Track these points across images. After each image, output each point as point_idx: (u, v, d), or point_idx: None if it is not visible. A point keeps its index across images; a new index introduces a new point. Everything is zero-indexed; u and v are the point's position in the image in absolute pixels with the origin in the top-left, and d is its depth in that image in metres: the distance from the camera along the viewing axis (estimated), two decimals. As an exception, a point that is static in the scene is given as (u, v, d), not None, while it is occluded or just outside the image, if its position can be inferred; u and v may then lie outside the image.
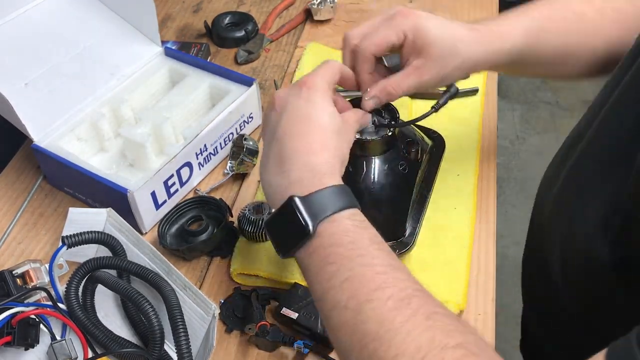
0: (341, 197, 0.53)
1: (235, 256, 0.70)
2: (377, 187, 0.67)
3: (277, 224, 0.55)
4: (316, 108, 0.57)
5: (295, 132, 0.56)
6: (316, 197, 0.53)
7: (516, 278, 0.94)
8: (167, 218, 0.73)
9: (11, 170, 0.85)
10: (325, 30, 1.06)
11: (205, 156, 0.80)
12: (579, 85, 2.58)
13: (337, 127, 0.57)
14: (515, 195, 2.16)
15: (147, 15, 0.86)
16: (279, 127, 0.57)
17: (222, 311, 0.66)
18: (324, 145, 0.56)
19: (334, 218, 0.52)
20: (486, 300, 0.67)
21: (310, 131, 0.56)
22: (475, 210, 0.75)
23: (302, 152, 0.55)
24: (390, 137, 0.67)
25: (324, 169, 0.55)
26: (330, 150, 0.56)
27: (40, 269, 0.66)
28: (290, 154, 0.56)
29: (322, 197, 0.53)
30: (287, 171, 0.55)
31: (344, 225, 0.52)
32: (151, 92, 0.86)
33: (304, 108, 0.57)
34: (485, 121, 0.87)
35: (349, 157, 0.63)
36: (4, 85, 0.76)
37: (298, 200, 0.52)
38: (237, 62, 1.00)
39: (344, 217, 0.52)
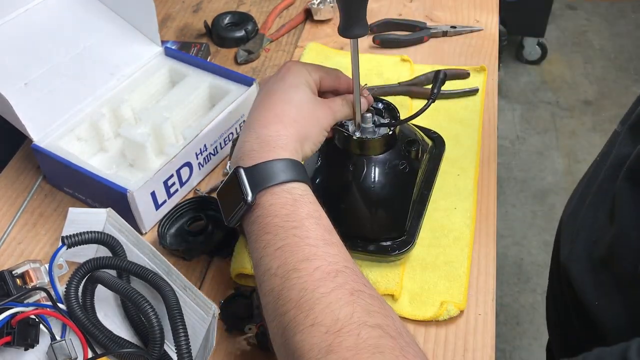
0: (285, 170, 0.54)
1: (235, 256, 0.70)
2: (377, 186, 0.67)
3: (225, 193, 0.57)
4: (284, 83, 0.59)
5: (259, 105, 0.59)
6: (260, 168, 0.54)
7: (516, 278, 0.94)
8: (167, 218, 0.73)
9: (11, 170, 0.85)
10: (325, 30, 1.06)
11: (205, 156, 0.80)
12: (579, 85, 2.58)
13: (301, 106, 0.59)
14: (515, 195, 2.16)
15: (147, 15, 0.86)
16: (253, 104, 0.60)
17: (222, 311, 0.66)
18: (279, 117, 0.57)
19: (274, 190, 0.54)
20: (486, 300, 0.67)
21: (270, 104, 0.58)
22: (475, 210, 0.75)
23: (257, 123, 0.57)
24: (390, 136, 0.67)
25: (275, 141, 0.56)
26: (285, 122, 0.57)
27: (40, 269, 0.66)
28: (248, 126, 0.58)
29: (266, 169, 0.54)
30: (242, 142, 0.57)
31: (283, 197, 0.53)
32: (151, 92, 0.86)
33: (275, 85, 0.60)
34: (485, 121, 0.87)
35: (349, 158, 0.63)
36: (4, 85, 0.76)
37: (242, 171, 0.54)
38: (237, 62, 1.00)
39: (284, 190, 0.54)
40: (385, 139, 0.67)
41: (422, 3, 1.10)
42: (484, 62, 0.97)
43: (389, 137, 0.67)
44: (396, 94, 0.91)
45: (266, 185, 0.54)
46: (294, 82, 0.60)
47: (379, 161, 0.68)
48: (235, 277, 0.69)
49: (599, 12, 2.97)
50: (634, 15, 2.95)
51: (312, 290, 0.47)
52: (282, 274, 0.49)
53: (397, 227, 0.69)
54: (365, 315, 0.46)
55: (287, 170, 0.55)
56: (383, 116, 0.70)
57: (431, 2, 1.10)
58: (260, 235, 0.53)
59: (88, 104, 0.81)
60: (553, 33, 2.83)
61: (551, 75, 2.65)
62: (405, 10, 1.09)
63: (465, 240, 0.72)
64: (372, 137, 0.67)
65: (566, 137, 2.37)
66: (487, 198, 0.77)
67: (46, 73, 0.81)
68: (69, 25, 0.87)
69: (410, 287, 0.68)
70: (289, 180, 0.54)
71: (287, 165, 0.55)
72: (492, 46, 1.01)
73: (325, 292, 0.47)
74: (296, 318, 0.47)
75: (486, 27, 1.04)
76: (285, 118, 0.58)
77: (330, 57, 0.98)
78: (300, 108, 0.59)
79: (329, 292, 0.47)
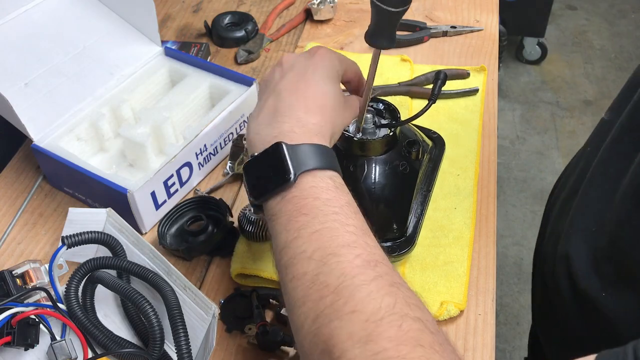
0: (327, 157, 0.53)
1: (235, 256, 0.70)
2: (378, 187, 0.67)
3: (257, 167, 0.54)
4: (321, 74, 0.57)
5: (296, 89, 0.57)
6: (304, 148, 0.52)
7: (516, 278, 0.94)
8: (167, 218, 0.73)
9: (11, 170, 0.85)
10: (325, 30, 1.06)
11: (205, 156, 0.80)
12: (579, 85, 2.58)
13: (336, 99, 0.58)
14: (516, 195, 2.16)
15: (147, 15, 0.86)
16: (281, 83, 0.57)
17: (222, 311, 0.66)
18: (321, 108, 0.56)
19: (317, 173, 0.52)
20: (486, 300, 0.67)
21: (310, 91, 0.56)
22: (475, 210, 0.75)
23: (298, 108, 0.55)
24: (391, 137, 0.67)
25: (316, 129, 0.55)
26: (325, 115, 0.56)
27: (40, 269, 0.66)
28: (286, 107, 0.56)
29: (310, 151, 0.52)
30: (279, 122, 0.55)
31: (325, 181, 0.52)
32: (151, 92, 0.86)
33: (311, 70, 0.57)
34: (485, 121, 0.87)
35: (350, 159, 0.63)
36: (4, 85, 0.76)
37: (285, 147, 0.52)
38: (237, 62, 1.00)
39: (327, 175, 0.52)
40: (386, 139, 0.67)
41: (422, 3, 1.10)
42: (484, 62, 0.97)
43: (390, 137, 0.67)
44: (396, 94, 0.91)
45: (310, 167, 0.51)
46: (329, 74, 0.58)
47: (379, 162, 0.68)
48: (235, 277, 0.69)
49: (599, 12, 2.97)
50: (634, 15, 2.95)
51: (352, 276, 0.45)
52: (319, 257, 0.47)
53: (398, 227, 0.69)
54: (406, 307, 0.44)
55: (329, 158, 0.53)
56: (384, 117, 0.70)
57: (431, 2, 1.10)
58: (295, 216, 0.50)
59: (88, 104, 0.81)
60: (553, 33, 2.83)
61: (551, 75, 2.65)
62: (405, 10, 1.09)
63: (465, 240, 0.72)
64: (373, 137, 0.67)
65: (566, 137, 2.37)
66: (487, 198, 0.77)
67: (46, 73, 0.81)
68: (69, 25, 0.87)
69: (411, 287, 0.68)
70: (330, 167, 0.53)
71: (328, 153, 0.54)
72: (492, 46, 1.01)
73: (367, 280, 0.45)
74: (334, 304, 0.44)
75: (486, 27, 1.04)
76: (326, 110, 0.56)
77: (330, 57, 0.98)
78: (335, 102, 0.58)
79: (370, 280, 0.45)
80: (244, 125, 0.85)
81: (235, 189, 0.81)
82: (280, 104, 0.56)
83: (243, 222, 0.71)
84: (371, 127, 0.68)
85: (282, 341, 0.62)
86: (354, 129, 0.68)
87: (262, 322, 0.62)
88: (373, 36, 0.58)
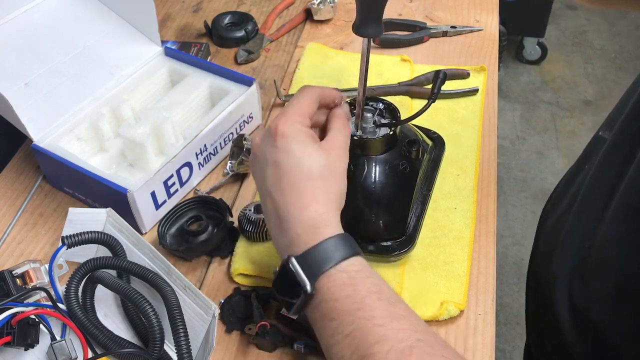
0: (337, 248, 0.54)
1: (236, 256, 0.70)
2: (378, 186, 0.67)
3: (281, 285, 0.56)
4: (295, 157, 0.56)
5: (282, 187, 0.56)
6: (311, 253, 0.53)
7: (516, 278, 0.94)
8: (167, 218, 0.73)
9: (11, 170, 0.85)
10: (325, 30, 1.06)
11: (205, 156, 0.80)
12: (579, 85, 2.58)
13: (322, 168, 0.57)
14: (515, 195, 2.16)
15: (147, 15, 0.86)
16: (266, 182, 0.58)
17: (222, 311, 0.66)
18: (313, 196, 0.56)
19: (330, 273, 0.53)
20: (486, 300, 0.67)
21: (296, 184, 0.56)
22: (475, 210, 0.75)
23: (294, 207, 0.56)
24: (391, 136, 0.67)
25: (318, 221, 0.55)
26: (319, 199, 0.56)
27: (40, 269, 0.66)
28: (284, 212, 0.56)
29: (318, 253, 0.53)
30: (285, 229, 0.56)
31: (340, 279, 0.53)
32: (151, 92, 0.86)
33: (283, 160, 0.56)
34: (485, 121, 0.87)
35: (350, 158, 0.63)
36: (4, 85, 0.76)
37: (295, 261, 0.53)
38: (237, 62, 1.00)
39: (340, 270, 0.53)
40: (386, 139, 0.67)
41: (422, 3, 1.10)
42: (484, 62, 0.97)
43: (390, 137, 0.67)
44: (396, 94, 0.91)
45: (322, 271, 0.53)
46: (300, 148, 0.57)
47: (379, 161, 0.68)
48: (235, 277, 0.69)
49: (599, 12, 2.97)
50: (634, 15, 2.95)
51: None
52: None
53: (398, 227, 0.69)
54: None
55: (339, 248, 0.54)
56: (384, 116, 0.70)
57: (431, 2, 1.10)
58: (325, 322, 0.52)
59: (88, 104, 0.81)
60: (553, 33, 2.83)
61: (551, 75, 2.65)
62: (405, 10, 1.09)
63: (465, 240, 0.72)
64: (373, 137, 0.67)
65: (566, 137, 2.37)
66: (487, 198, 0.77)
67: (46, 73, 0.81)
68: (69, 25, 0.87)
69: (411, 287, 0.68)
70: (342, 258, 0.54)
71: (337, 243, 0.54)
72: (492, 46, 1.01)
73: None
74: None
75: (486, 27, 1.04)
76: (318, 193, 0.56)
77: (330, 57, 0.98)
78: (322, 175, 0.57)
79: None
80: (244, 125, 0.85)
81: (235, 189, 0.81)
82: (278, 208, 0.56)
83: (243, 222, 0.71)
84: (371, 127, 0.68)
85: (282, 341, 0.62)
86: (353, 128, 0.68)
87: (262, 322, 0.62)
88: (360, 27, 0.58)
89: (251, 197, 0.79)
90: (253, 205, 0.73)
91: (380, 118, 0.70)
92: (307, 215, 0.55)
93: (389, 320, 0.50)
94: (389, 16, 1.06)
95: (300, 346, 0.61)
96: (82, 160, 0.74)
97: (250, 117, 0.86)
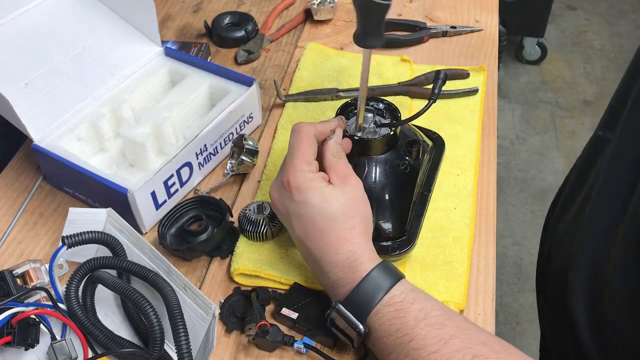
0: (377, 283, 0.57)
1: (236, 256, 0.70)
2: (378, 186, 0.67)
3: (338, 328, 0.59)
4: (315, 207, 0.60)
5: (311, 236, 0.60)
6: (355, 295, 0.57)
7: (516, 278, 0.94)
8: (167, 218, 0.73)
9: (11, 170, 0.85)
10: (325, 30, 1.06)
11: (205, 156, 0.80)
12: (578, 85, 2.59)
13: (342, 207, 0.60)
14: (515, 195, 2.16)
15: (147, 15, 0.86)
16: (295, 232, 0.61)
17: (222, 311, 0.66)
18: (342, 237, 0.59)
19: (377, 310, 0.56)
20: (486, 300, 0.67)
21: (324, 230, 0.59)
22: (475, 210, 0.75)
23: (327, 253, 0.59)
24: (391, 136, 0.67)
25: (352, 260, 0.58)
26: (348, 237, 0.59)
27: (40, 269, 0.66)
28: (319, 258, 0.60)
29: (361, 293, 0.56)
30: (325, 273, 0.60)
31: (388, 314, 0.55)
32: (151, 92, 0.86)
33: (304, 212, 0.60)
34: (485, 121, 0.88)
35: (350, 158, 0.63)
36: (4, 85, 0.76)
37: (342, 307, 0.57)
38: (237, 62, 1.00)
39: (385, 305, 0.56)
40: (386, 139, 0.67)
41: (422, 3, 1.10)
42: (484, 62, 0.97)
43: (390, 137, 0.67)
44: (396, 94, 0.91)
45: (369, 310, 0.56)
46: (317, 197, 0.60)
47: (379, 161, 0.68)
48: (235, 277, 0.69)
49: (599, 12, 2.97)
50: (634, 16, 2.95)
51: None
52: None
53: (398, 227, 0.69)
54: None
55: (379, 282, 0.57)
56: (384, 116, 0.70)
57: (431, 2, 1.10)
58: (384, 355, 0.56)
59: (88, 104, 0.81)
60: (553, 33, 2.83)
61: (551, 75, 2.65)
62: (405, 10, 1.09)
63: (465, 240, 0.72)
64: (373, 137, 0.67)
65: (566, 137, 2.37)
66: (487, 198, 0.77)
67: (46, 73, 0.81)
68: (69, 25, 0.87)
69: (410, 287, 0.68)
70: (385, 291, 0.56)
71: (376, 277, 0.57)
72: (492, 46, 1.01)
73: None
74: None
75: (486, 27, 1.04)
76: (345, 233, 0.59)
77: (330, 57, 0.98)
78: (344, 213, 0.60)
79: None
80: (244, 125, 0.85)
81: (235, 189, 0.81)
82: (313, 255, 0.60)
83: (243, 222, 0.71)
84: (371, 127, 0.68)
85: (282, 341, 0.62)
86: (353, 129, 0.68)
87: (262, 322, 0.62)
88: (361, 38, 0.58)
89: (251, 197, 0.79)
90: (253, 205, 0.73)
91: (380, 118, 0.70)
92: (341, 258, 0.58)
93: (442, 344, 0.52)
94: (389, 16, 1.05)
95: (300, 346, 0.61)
96: (82, 160, 0.74)
97: (250, 117, 0.86)
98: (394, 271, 0.58)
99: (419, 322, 0.54)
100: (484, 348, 0.52)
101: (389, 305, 0.55)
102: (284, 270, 0.69)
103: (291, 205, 0.61)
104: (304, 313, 0.64)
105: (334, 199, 0.60)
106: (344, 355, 0.62)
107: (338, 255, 0.59)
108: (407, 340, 0.53)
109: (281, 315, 0.64)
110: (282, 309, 0.64)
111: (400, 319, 0.54)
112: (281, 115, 0.89)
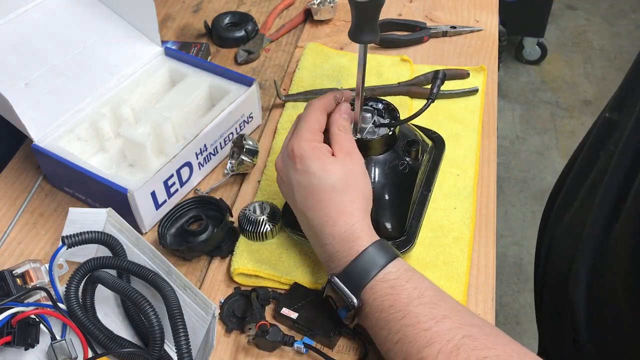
0: (373, 259, 0.57)
1: (236, 256, 0.70)
2: (377, 186, 0.67)
3: (333, 299, 0.59)
4: (316, 176, 0.60)
5: (311, 205, 0.60)
6: (351, 269, 0.57)
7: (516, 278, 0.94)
8: (167, 218, 0.73)
9: (11, 170, 0.85)
10: (325, 30, 1.06)
11: (205, 156, 0.80)
12: (578, 85, 2.58)
13: (342, 179, 0.60)
14: (515, 195, 2.16)
15: (147, 15, 0.86)
16: (296, 202, 0.62)
17: (222, 311, 0.66)
18: (340, 209, 0.59)
19: (372, 285, 0.56)
20: (486, 300, 0.67)
21: (323, 200, 0.60)
22: (475, 210, 0.75)
23: (325, 224, 0.59)
24: (390, 136, 0.67)
25: (349, 234, 0.58)
26: (347, 210, 0.60)
27: (40, 269, 0.66)
28: (318, 229, 0.60)
29: (357, 268, 0.57)
30: (323, 245, 0.60)
31: (382, 289, 0.56)
32: (151, 92, 0.86)
33: (306, 180, 0.61)
34: (485, 121, 0.88)
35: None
36: (4, 85, 0.76)
37: (337, 280, 0.57)
38: (237, 62, 1.00)
39: (380, 280, 0.56)
40: (385, 139, 0.67)
41: (422, 3, 1.10)
42: (484, 62, 0.97)
43: (389, 137, 0.67)
44: (396, 94, 0.91)
45: (363, 285, 0.56)
46: (319, 166, 0.60)
47: (379, 161, 0.68)
48: (235, 277, 0.69)
49: (599, 12, 2.97)
50: (634, 16, 2.95)
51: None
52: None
53: (397, 227, 0.69)
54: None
55: (375, 258, 0.57)
56: (383, 116, 0.70)
57: (431, 2, 1.10)
58: (376, 331, 0.56)
59: (88, 104, 0.81)
60: (553, 33, 2.83)
61: (551, 75, 2.65)
62: (405, 10, 1.09)
63: (465, 240, 0.72)
64: (372, 137, 0.67)
65: (566, 137, 2.37)
66: (487, 198, 0.77)
67: (46, 73, 0.81)
68: (69, 25, 0.87)
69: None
70: (380, 268, 0.56)
71: (372, 253, 0.57)
72: (492, 46, 1.01)
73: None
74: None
75: (486, 27, 1.04)
76: (344, 206, 0.60)
77: (330, 57, 0.98)
78: (345, 185, 0.60)
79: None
80: (244, 125, 0.85)
81: (235, 189, 0.81)
82: (313, 226, 0.61)
83: (243, 222, 0.71)
84: (370, 127, 0.68)
85: (282, 341, 0.62)
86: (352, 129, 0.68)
87: (262, 322, 0.62)
88: (355, 34, 0.59)
89: (251, 197, 0.79)
90: (253, 205, 0.73)
91: (379, 118, 0.70)
92: (338, 230, 0.59)
93: (434, 322, 0.52)
94: (389, 16, 1.06)
95: (300, 346, 0.61)
96: (82, 160, 0.74)
97: (250, 117, 0.86)
98: (391, 249, 0.58)
99: (413, 300, 0.54)
100: (475, 329, 0.52)
101: (384, 281, 0.56)
102: (284, 270, 0.69)
103: (293, 173, 0.61)
104: (303, 313, 0.64)
105: (335, 170, 0.60)
106: (344, 355, 0.63)
107: (336, 227, 0.59)
108: (400, 316, 0.54)
109: (281, 315, 0.64)
110: (282, 309, 0.64)
111: (394, 296, 0.55)
112: (281, 115, 0.89)
